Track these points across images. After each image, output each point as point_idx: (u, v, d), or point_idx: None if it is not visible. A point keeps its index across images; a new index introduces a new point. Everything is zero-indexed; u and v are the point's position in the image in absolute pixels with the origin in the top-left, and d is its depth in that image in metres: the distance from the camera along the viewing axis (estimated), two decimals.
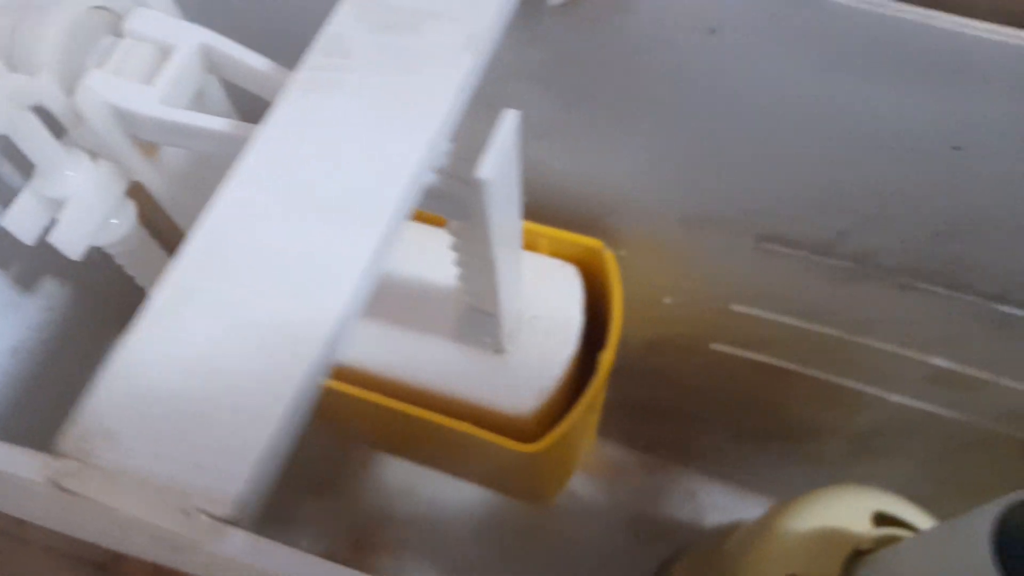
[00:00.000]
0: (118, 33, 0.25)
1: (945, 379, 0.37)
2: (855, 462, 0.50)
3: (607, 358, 0.31)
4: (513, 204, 0.24)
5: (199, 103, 0.26)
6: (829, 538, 0.35)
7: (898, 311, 0.33)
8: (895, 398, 0.40)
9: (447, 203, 0.22)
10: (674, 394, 0.48)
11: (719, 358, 0.41)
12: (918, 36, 0.22)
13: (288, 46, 0.23)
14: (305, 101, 0.19)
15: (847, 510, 0.37)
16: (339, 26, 0.20)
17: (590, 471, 0.59)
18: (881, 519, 0.36)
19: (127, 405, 0.16)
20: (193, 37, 0.24)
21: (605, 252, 0.32)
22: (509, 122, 0.21)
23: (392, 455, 0.42)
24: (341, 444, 0.56)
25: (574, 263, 0.33)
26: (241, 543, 0.14)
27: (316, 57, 0.20)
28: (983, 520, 0.23)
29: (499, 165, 0.21)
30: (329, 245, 0.17)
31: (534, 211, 0.36)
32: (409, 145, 0.18)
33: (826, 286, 0.33)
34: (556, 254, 0.34)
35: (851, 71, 0.24)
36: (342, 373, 0.32)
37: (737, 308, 0.37)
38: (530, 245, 0.34)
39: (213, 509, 0.14)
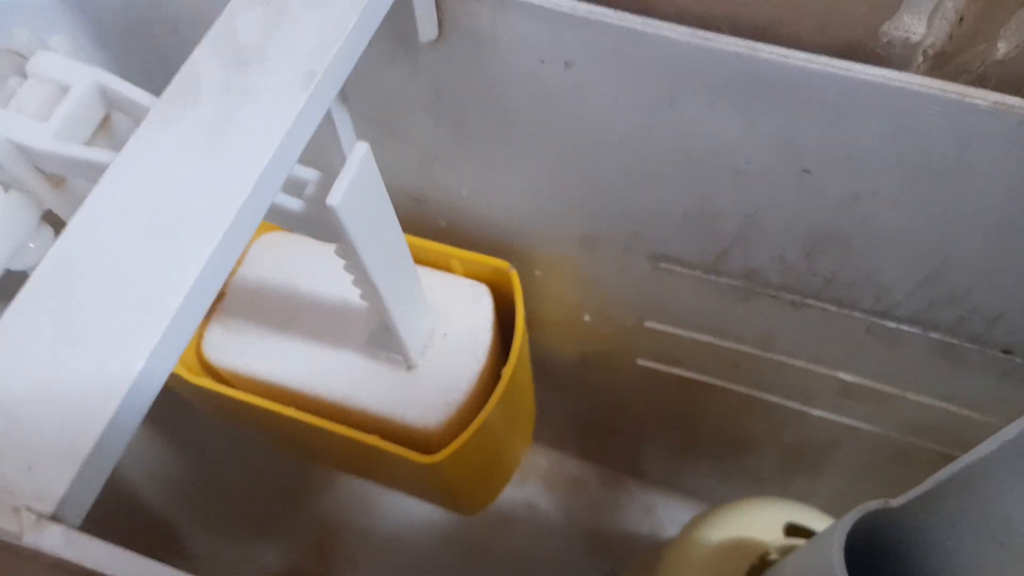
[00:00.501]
0: (23, 74, 0.27)
1: (855, 393, 0.38)
2: (792, 476, 0.50)
3: (507, 371, 0.32)
4: (383, 227, 0.26)
5: (106, 137, 0.28)
6: (739, 547, 0.36)
7: (795, 327, 0.34)
8: (816, 412, 0.41)
9: (318, 227, 0.24)
10: (615, 409, 0.50)
11: (646, 373, 0.43)
12: (749, 67, 0.23)
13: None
14: (158, 133, 0.21)
15: (761, 520, 0.38)
16: (195, 64, 0.22)
17: (548, 484, 0.61)
18: (792, 530, 0.37)
19: None
20: (89, 76, 0.26)
21: (511, 272, 0.34)
22: (360, 152, 0.22)
23: (326, 467, 0.43)
24: (302, 458, 0.58)
25: (485, 283, 0.35)
26: (60, 537, 0.16)
27: (172, 93, 0.21)
28: (839, 531, 0.24)
29: (353, 192, 0.22)
30: (163, 264, 0.19)
31: (450, 234, 0.37)
32: (244, 172, 0.20)
33: (725, 303, 0.34)
34: (468, 274, 0.35)
35: (694, 100, 0.25)
36: (260, 387, 0.34)
37: (650, 325, 0.38)
38: (443, 265, 0.36)
39: (39, 507, 0.16)
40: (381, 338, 0.33)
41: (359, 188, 0.23)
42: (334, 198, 0.22)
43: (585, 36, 0.25)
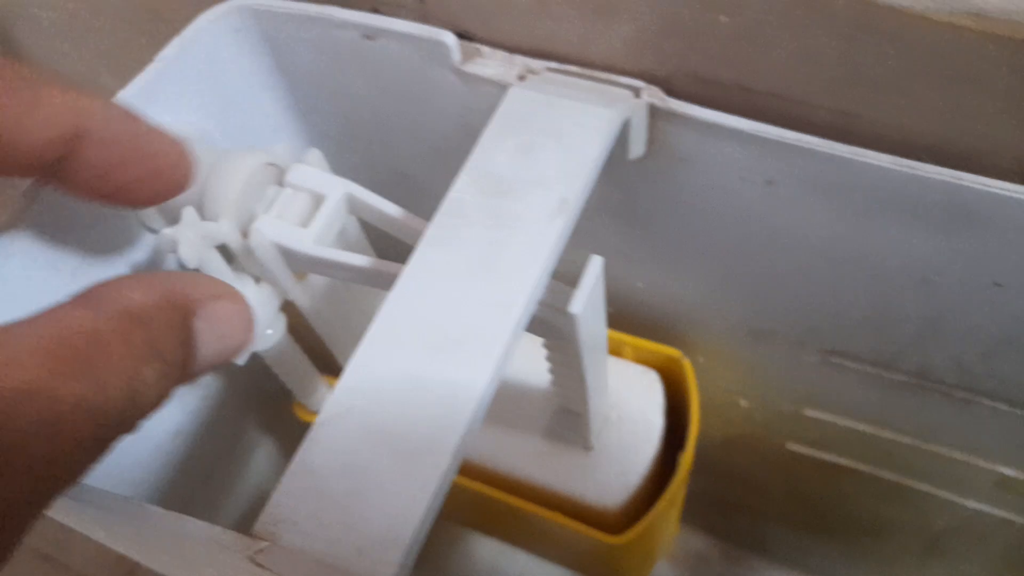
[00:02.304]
0: (280, 184, 0.31)
1: (1014, 487, 0.38)
2: (928, 563, 0.50)
3: (686, 458, 0.34)
4: (599, 327, 0.28)
5: (341, 237, 0.32)
6: None
7: (961, 422, 0.35)
8: (968, 503, 0.41)
9: (546, 327, 0.27)
10: (751, 489, 0.51)
11: (794, 457, 0.44)
12: (950, 193, 0.25)
13: (407, 195, 0.29)
14: (432, 253, 0.24)
15: None
16: (459, 192, 0.25)
17: (673, 559, 0.61)
18: None
19: (304, 499, 0.20)
20: (340, 188, 0.29)
21: (684, 361, 0.36)
22: (594, 266, 0.25)
23: (482, 533, 0.46)
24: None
25: (655, 369, 0.37)
26: None
27: (441, 217, 0.25)
28: None
29: (587, 300, 0.25)
30: (454, 375, 0.22)
31: (619, 320, 0.40)
32: (516, 290, 0.23)
33: (891, 397, 0.36)
34: (640, 361, 0.38)
35: (891, 219, 0.27)
36: None
37: (809, 413, 0.40)
38: (615, 351, 0.38)
39: None
40: (563, 420, 0.36)
41: (593, 296, 0.26)
42: (576, 307, 0.25)
43: (790, 159, 0.27)
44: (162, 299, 0.19)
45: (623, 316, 0.39)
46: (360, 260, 0.28)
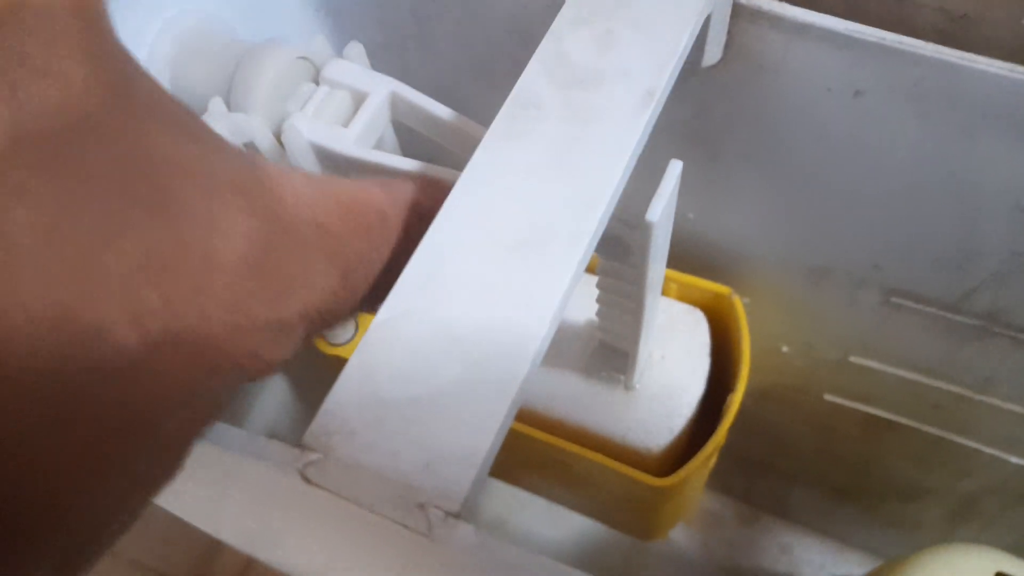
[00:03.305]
0: (315, 81, 0.28)
1: None
2: (955, 527, 0.49)
3: (736, 400, 0.32)
4: (666, 246, 0.26)
5: (378, 148, 0.29)
6: None
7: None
8: (1014, 459, 0.39)
9: (610, 244, 0.24)
10: (779, 445, 0.49)
11: (831, 410, 0.42)
12: None
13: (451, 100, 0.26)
14: (503, 146, 0.21)
15: (968, 569, 0.36)
16: (530, 82, 0.22)
17: (686, 519, 0.60)
18: None
19: (362, 407, 0.18)
20: (384, 86, 0.27)
21: (734, 298, 0.34)
22: (674, 170, 0.23)
23: (502, 480, 0.43)
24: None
25: (703, 308, 0.35)
26: (472, 536, 0.16)
27: (512, 108, 0.22)
28: None
29: (664, 209, 0.22)
30: (532, 276, 0.19)
31: None
32: (599, 188, 0.20)
33: (951, 343, 0.34)
34: (684, 299, 0.35)
35: (991, 136, 0.25)
36: None
37: (856, 360, 0.38)
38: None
39: (446, 505, 0.16)
40: (603, 359, 0.33)
41: (668, 206, 0.23)
42: (653, 214, 0.22)
43: (887, 66, 0.24)
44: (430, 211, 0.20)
45: (669, 252, 0.37)
46: (409, 164, 0.25)
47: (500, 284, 0.19)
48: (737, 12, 0.25)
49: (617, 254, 0.25)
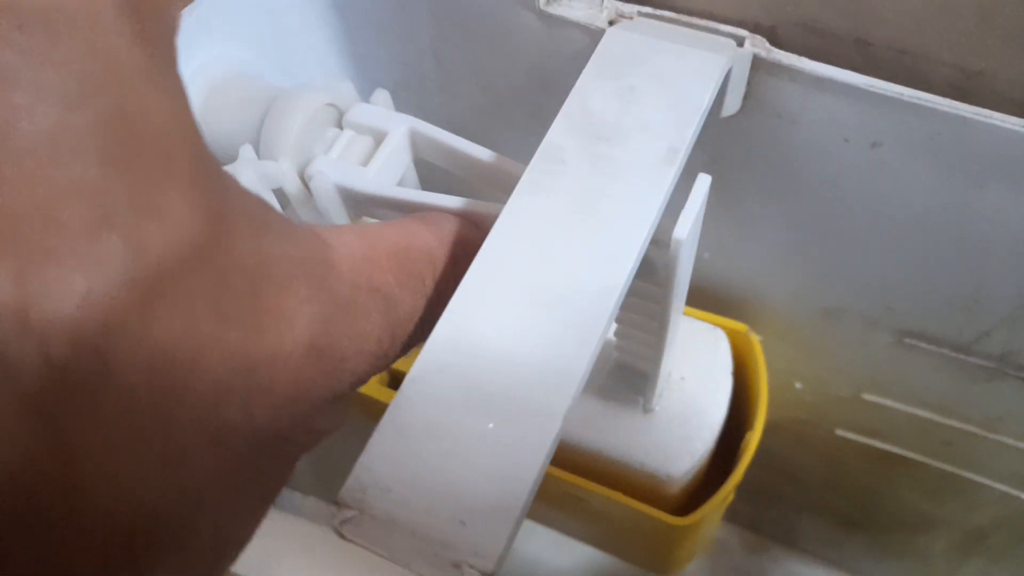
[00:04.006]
0: (339, 125, 0.28)
1: None
2: (964, 559, 0.49)
3: (754, 439, 0.32)
4: (691, 265, 0.26)
5: (400, 182, 0.30)
6: None
7: None
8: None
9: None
10: (789, 477, 0.49)
11: (842, 444, 0.42)
12: None
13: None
14: (530, 201, 0.22)
15: None
16: (557, 137, 0.23)
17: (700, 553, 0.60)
18: None
19: (396, 463, 0.18)
20: (403, 123, 0.27)
21: (750, 335, 0.34)
22: (702, 186, 0.23)
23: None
24: None
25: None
26: None
27: (539, 163, 0.22)
28: None
29: (692, 226, 0.23)
30: (563, 332, 0.20)
31: None
32: (626, 243, 0.21)
33: (963, 382, 0.34)
34: None
35: (1002, 186, 0.25)
36: None
37: (868, 397, 0.38)
38: None
39: (480, 565, 0.17)
40: (620, 379, 0.33)
41: (697, 223, 0.23)
42: (681, 231, 0.22)
43: (904, 119, 0.25)
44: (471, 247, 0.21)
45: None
46: (435, 199, 0.25)
47: (530, 340, 0.19)
48: (757, 65, 0.26)
49: (642, 272, 0.25)
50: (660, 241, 0.23)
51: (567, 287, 0.20)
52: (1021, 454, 0.37)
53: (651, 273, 0.24)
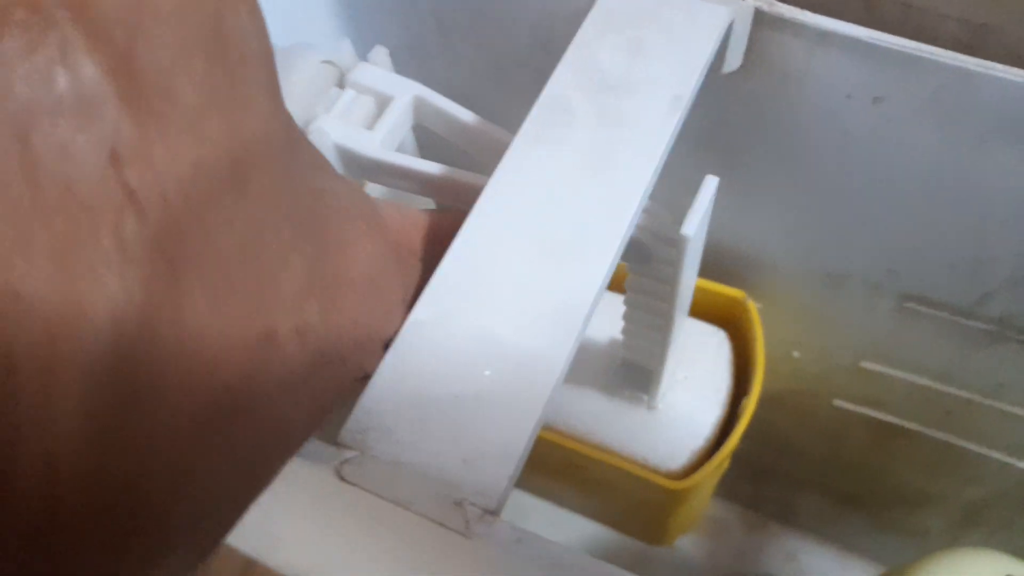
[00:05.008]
0: (341, 85, 0.28)
1: None
2: (962, 534, 0.49)
3: (751, 405, 0.32)
4: (697, 262, 0.26)
5: (400, 151, 0.29)
6: None
7: None
8: (1022, 465, 0.40)
9: (641, 258, 0.24)
10: (786, 452, 0.49)
11: (840, 416, 0.42)
12: None
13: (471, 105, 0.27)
14: (533, 151, 0.22)
15: (976, 573, 0.37)
16: (559, 87, 0.23)
17: (693, 528, 0.60)
18: None
19: (398, 405, 0.18)
20: (408, 90, 0.27)
21: (748, 302, 0.34)
22: (710, 186, 0.23)
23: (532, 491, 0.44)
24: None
25: (716, 312, 0.35)
26: (509, 533, 0.16)
27: (542, 113, 0.22)
28: None
29: (699, 224, 0.23)
30: (562, 281, 0.19)
31: None
32: (628, 193, 0.21)
33: (964, 348, 0.34)
34: (699, 302, 0.35)
35: (1006, 143, 0.25)
36: None
37: (868, 365, 0.38)
38: None
39: (483, 502, 0.16)
40: (625, 378, 0.33)
41: (702, 221, 0.23)
42: (689, 228, 0.22)
43: (907, 73, 0.25)
44: None
45: None
46: (432, 167, 0.25)
47: (535, 286, 0.19)
48: (759, 19, 0.26)
49: (649, 269, 0.25)
50: (668, 238, 0.23)
51: (570, 234, 0.20)
52: (1020, 421, 0.37)
53: (657, 269, 0.24)
